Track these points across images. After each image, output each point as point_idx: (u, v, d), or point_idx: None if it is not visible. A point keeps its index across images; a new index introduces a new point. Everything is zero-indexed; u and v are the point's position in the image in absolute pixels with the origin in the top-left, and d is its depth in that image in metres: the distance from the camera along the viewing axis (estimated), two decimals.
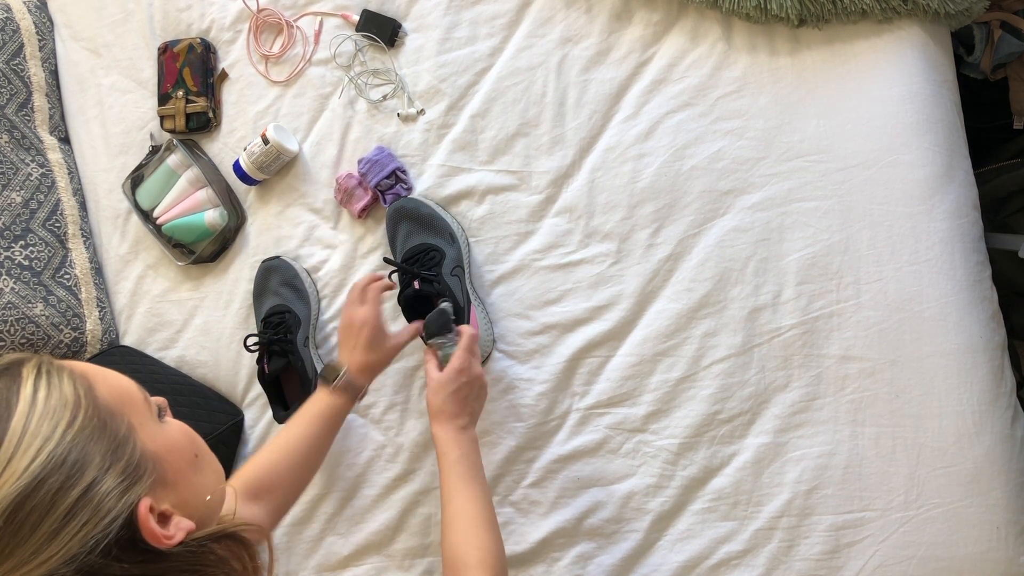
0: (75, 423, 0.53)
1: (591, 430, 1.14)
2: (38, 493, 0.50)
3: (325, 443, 1.05)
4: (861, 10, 1.04)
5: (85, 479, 0.51)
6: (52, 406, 0.53)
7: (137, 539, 0.53)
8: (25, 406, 0.52)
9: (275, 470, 0.98)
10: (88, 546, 0.50)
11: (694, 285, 1.11)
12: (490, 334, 1.17)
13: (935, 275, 1.03)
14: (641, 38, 1.16)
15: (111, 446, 0.54)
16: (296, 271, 1.28)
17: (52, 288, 1.37)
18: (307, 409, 1.04)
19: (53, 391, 0.54)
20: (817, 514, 1.05)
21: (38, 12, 1.48)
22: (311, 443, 1.02)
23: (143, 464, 0.56)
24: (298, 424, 1.02)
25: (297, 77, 1.32)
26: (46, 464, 0.50)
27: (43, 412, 0.52)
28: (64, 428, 0.52)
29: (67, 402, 0.54)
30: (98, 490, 0.52)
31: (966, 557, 1.01)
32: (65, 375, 0.56)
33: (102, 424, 0.55)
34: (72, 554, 0.50)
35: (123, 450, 0.55)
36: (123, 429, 0.56)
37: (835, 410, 1.05)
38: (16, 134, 1.40)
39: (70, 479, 0.51)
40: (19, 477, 0.50)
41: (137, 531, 0.53)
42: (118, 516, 0.52)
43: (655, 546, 1.11)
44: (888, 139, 1.05)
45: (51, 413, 0.52)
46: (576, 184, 1.17)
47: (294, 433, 1.01)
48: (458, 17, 1.23)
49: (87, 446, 0.53)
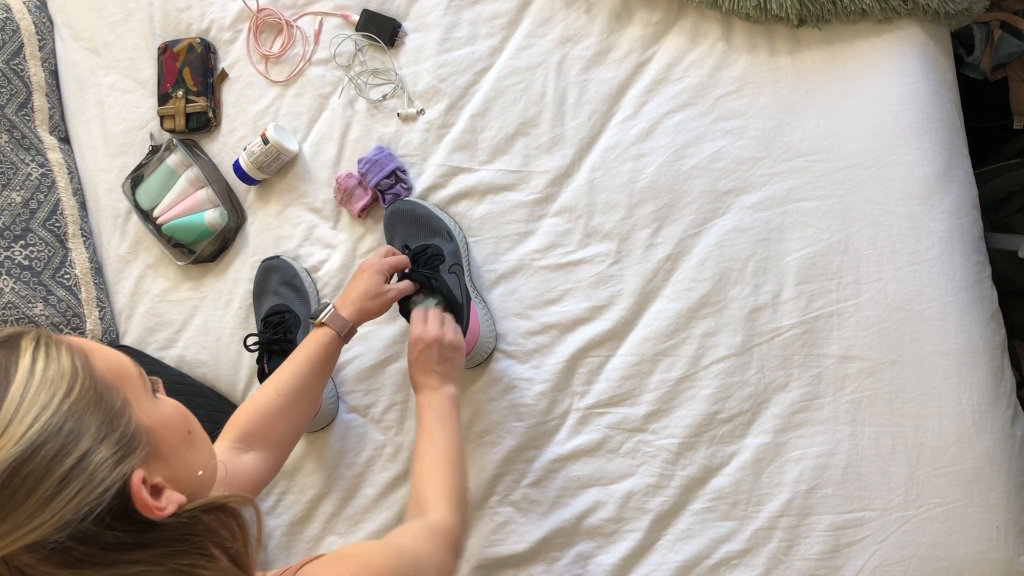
0: (72, 394, 0.54)
1: (591, 430, 1.14)
2: (34, 459, 0.51)
3: (316, 382, 1.03)
4: (861, 10, 1.04)
5: (80, 448, 0.52)
6: (50, 376, 0.54)
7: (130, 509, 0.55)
8: (23, 376, 0.53)
9: (267, 413, 0.98)
10: (81, 513, 0.52)
11: (694, 285, 1.11)
12: (492, 331, 1.17)
13: (935, 275, 1.03)
14: (641, 38, 1.16)
15: (106, 417, 0.55)
16: (296, 271, 1.28)
17: (52, 288, 1.37)
18: (295, 351, 1.04)
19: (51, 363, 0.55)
20: (817, 514, 1.05)
21: (38, 12, 1.48)
22: (301, 382, 1.01)
23: (137, 437, 0.57)
24: (287, 365, 1.02)
25: (297, 77, 1.32)
26: (42, 432, 0.51)
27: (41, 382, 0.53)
28: (61, 398, 0.53)
29: (64, 373, 0.55)
30: (92, 459, 0.53)
31: (966, 557, 1.01)
32: (63, 348, 0.57)
33: (98, 396, 0.56)
34: (66, 520, 0.51)
35: (118, 422, 0.56)
36: (118, 402, 0.57)
37: (835, 410, 1.05)
38: (16, 134, 1.40)
39: (65, 447, 0.52)
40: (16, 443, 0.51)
41: (130, 501, 0.54)
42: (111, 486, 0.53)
43: (655, 546, 1.11)
44: (888, 139, 1.05)
45: (48, 383, 0.54)
46: (576, 184, 1.17)
47: (284, 374, 1.01)
48: (458, 17, 1.23)
49: (83, 416, 0.54)
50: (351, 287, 1.07)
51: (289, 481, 1.28)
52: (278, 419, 0.99)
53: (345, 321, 1.04)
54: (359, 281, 1.07)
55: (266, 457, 0.98)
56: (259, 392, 1.01)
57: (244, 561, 0.62)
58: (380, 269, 1.08)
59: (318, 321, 1.04)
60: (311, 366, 1.02)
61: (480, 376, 1.19)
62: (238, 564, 0.61)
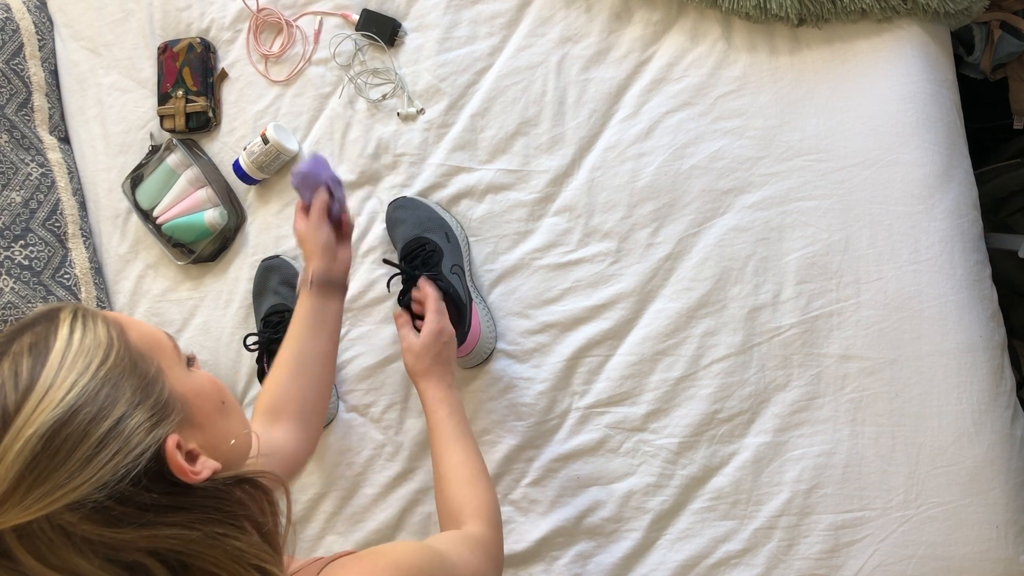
0: (108, 361, 0.57)
1: (591, 429, 1.14)
2: (72, 422, 0.53)
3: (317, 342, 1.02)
4: (861, 9, 1.04)
5: (116, 412, 0.55)
6: (87, 345, 0.57)
7: (165, 471, 0.57)
8: (62, 344, 0.56)
9: (279, 385, 0.99)
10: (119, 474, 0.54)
11: (694, 284, 1.11)
12: (492, 332, 1.17)
13: (935, 274, 1.03)
14: (641, 37, 1.16)
15: (140, 384, 0.58)
16: (296, 270, 1.28)
17: (52, 288, 1.37)
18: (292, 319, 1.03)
19: (88, 332, 0.58)
20: (817, 513, 1.05)
21: (38, 12, 1.48)
22: (300, 344, 1.01)
23: (171, 403, 0.60)
24: (288, 335, 1.02)
25: (297, 76, 1.32)
26: (80, 396, 0.54)
27: (78, 350, 0.56)
28: (97, 365, 0.56)
29: (100, 342, 0.58)
30: (128, 423, 0.55)
31: (966, 556, 1.01)
32: (99, 319, 0.60)
33: (132, 364, 0.58)
34: (104, 481, 0.53)
35: (152, 388, 0.59)
36: (152, 370, 0.60)
37: (835, 409, 1.05)
38: (16, 134, 1.40)
39: (102, 411, 0.54)
40: (55, 407, 0.53)
41: (165, 465, 0.57)
42: (147, 449, 0.56)
43: (655, 545, 1.11)
44: (888, 138, 1.05)
45: (86, 351, 0.56)
46: (576, 183, 1.17)
47: (283, 347, 1.01)
48: (458, 16, 1.23)
49: (118, 382, 0.56)
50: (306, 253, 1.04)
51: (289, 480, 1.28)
52: (291, 386, 0.99)
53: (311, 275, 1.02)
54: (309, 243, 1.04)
55: (295, 430, 0.97)
56: (269, 373, 1.01)
57: (274, 540, 0.63)
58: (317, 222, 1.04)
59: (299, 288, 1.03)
60: (304, 328, 1.01)
61: (480, 375, 1.19)
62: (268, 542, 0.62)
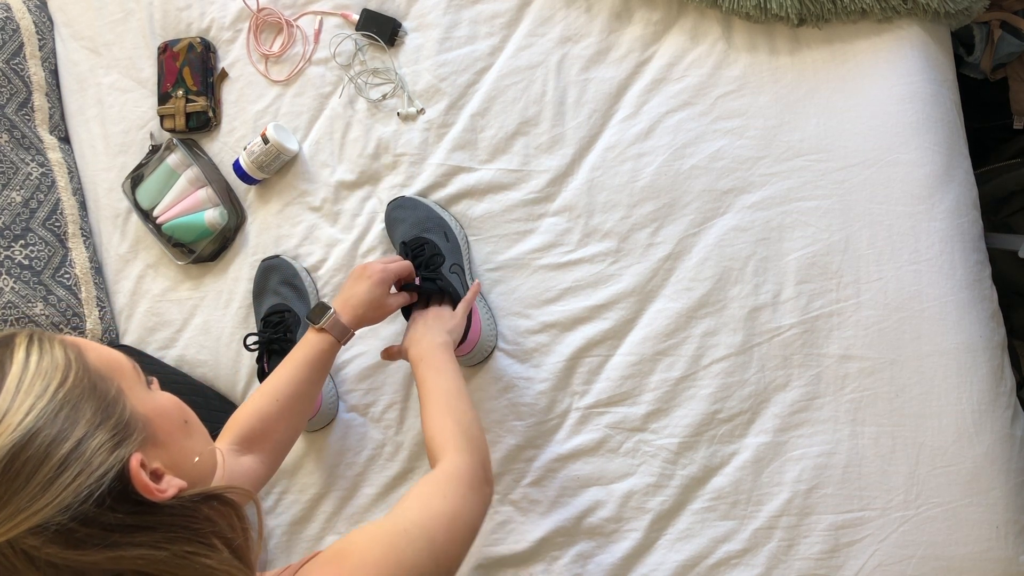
0: (66, 383, 0.56)
1: (591, 429, 1.14)
2: (32, 445, 0.53)
3: (313, 386, 1.04)
4: (861, 9, 1.04)
5: (76, 433, 0.55)
6: (44, 368, 0.56)
7: (130, 491, 0.56)
8: (18, 368, 0.56)
9: (265, 418, 0.99)
10: (82, 496, 0.53)
11: (694, 284, 1.11)
12: (492, 330, 1.17)
13: (935, 274, 1.03)
14: (641, 37, 1.16)
15: (101, 405, 0.58)
16: (296, 270, 1.28)
17: (52, 287, 1.37)
18: (293, 354, 1.03)
19: (45, 355, 0.57)
20: (817, 513, 1.05)
21: (38, 11, 1.48)
22: (298, 387, 1.01)
23: (133, 423, 0.59)
24: (285, 369, 1.02)
25: (297, 76, 1.32)
26: (39, 418, 0.54)
27: (35, 373, 0.56)
28: (56, 387, 0.56)
29: (58, 365, 0.57)
30: (89, 444, 0.55)
31: (966, 556, 1.01)
32: (56, 343, 0.59)
33: (92, 385, 0.58)
34: (67, 503, 0.53)
35: (113, 409, 0.58)
36: (112, 391, 0.59)
37: (835, 409, 1.05)
38: (16, 133, 1.40)
39: (62, 433, 0.54)
40: (13, 431, 0.53)
41: (129, 484, 0.56)
42: (109, 469, 0.55)
43: (655, 545, 1.11)
44: (888, 138, 1.05)
45: (43, 374, 0.56)
46: (575, 183, 1.17)
47: (281, 378, 1.01)
48: (458, 16, 1.23)
49: (78, 404, 0.56)
50: (352, 291, 1.05)
51: (289, 480, 1.28)
52: (276, 423, 1.00)
53: (345, 328, 1.04)
54: (361, 288, 1.04)
55: (263, 459, 0.99)
56: (256, 396, 1.01)
57: (245, 555, 0.63)
58: (385, 280, 1.05)
59: (319, 326, 1.03)
60: (309, 371, 1.02)
61: (480, 375, 1.19)
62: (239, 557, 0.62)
